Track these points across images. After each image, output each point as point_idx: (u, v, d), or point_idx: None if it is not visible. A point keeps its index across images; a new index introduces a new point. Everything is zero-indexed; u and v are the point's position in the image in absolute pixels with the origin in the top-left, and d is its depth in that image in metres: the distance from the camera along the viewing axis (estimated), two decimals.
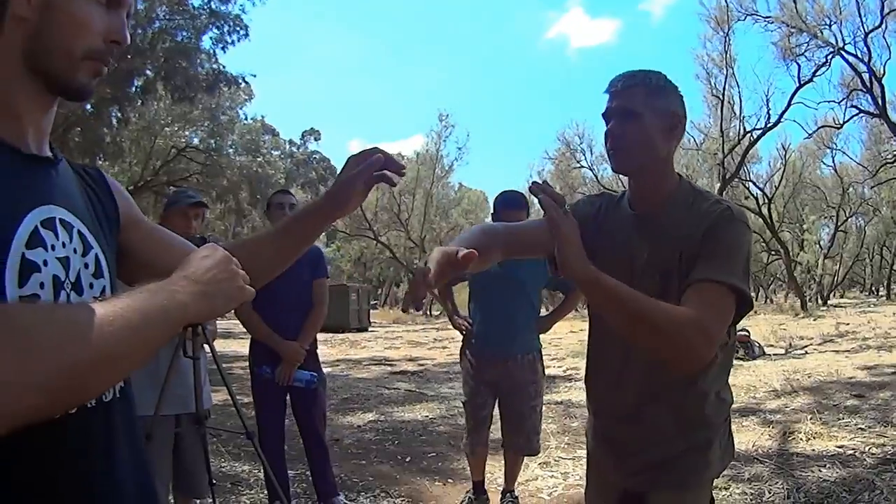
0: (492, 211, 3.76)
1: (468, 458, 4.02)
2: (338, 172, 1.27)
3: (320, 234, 1.28)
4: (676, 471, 1.66)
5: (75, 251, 0.96)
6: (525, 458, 3.97)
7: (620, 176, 1.76)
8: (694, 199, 1.66)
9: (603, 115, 1.68)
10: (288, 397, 3.79)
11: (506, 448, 3.93)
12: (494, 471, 4.32)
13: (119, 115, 15.38)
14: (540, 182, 1.47)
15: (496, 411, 3.89)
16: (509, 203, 3.61)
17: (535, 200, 1.77)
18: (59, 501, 0.89)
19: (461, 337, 3.93)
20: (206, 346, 3.25)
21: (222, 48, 15.65)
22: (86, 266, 0.98)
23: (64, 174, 1.03)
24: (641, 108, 1.59)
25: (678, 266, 1.59)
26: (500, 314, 3.73)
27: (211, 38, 15.53)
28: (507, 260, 1.86)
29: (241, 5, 15.50)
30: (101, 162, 19.11)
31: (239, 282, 0.97)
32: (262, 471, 3.96)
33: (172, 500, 3.23)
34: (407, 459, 5.31)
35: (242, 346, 14.14)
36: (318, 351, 3.93)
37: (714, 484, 1.84)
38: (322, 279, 3.86)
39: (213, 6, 15.15)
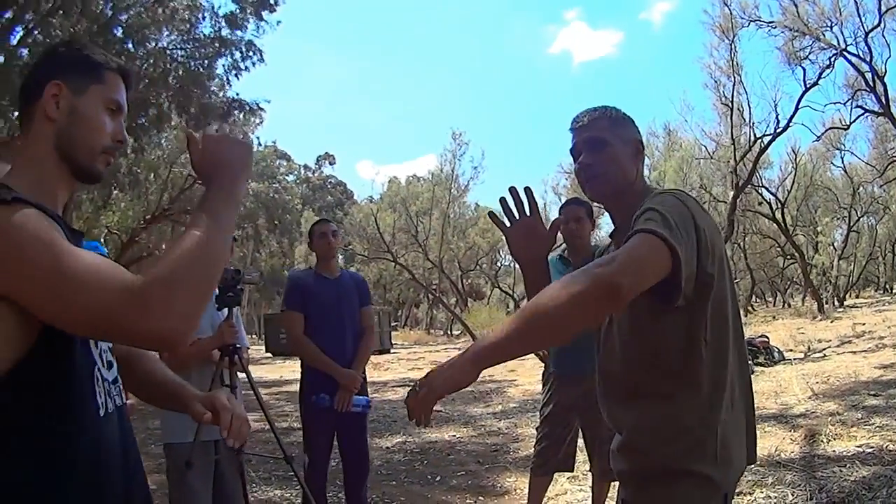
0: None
1: (530, 479, 3.93)
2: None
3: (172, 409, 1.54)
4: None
5: None
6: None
7: None
8: None
9: (571, 150, 1.78)
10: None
11: (593, 473, 3.89)
12: (523, 487, 4.40)
13: (135, 144, 15.47)
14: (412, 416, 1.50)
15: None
16: (570, 201, 3.82)
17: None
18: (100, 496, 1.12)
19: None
20: (241, 374, 3.28)
21: (236, 75, 15.43)
22: None
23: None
24: (609, 136, 1.70)
25: None
26: None
27: (224, 65, 15.46)
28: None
29: (252, 31, 15.39)
30: (116, 192, 19.31)
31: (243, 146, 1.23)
32: (300, 495, 4.02)
33: None
34: (437, 479, 5.39)
35: (267, 372, 14.37)
36: None
37: (738, 490, 1.85)
38: (369, 307, 3.96)
39: (224, 34, 15.16)
